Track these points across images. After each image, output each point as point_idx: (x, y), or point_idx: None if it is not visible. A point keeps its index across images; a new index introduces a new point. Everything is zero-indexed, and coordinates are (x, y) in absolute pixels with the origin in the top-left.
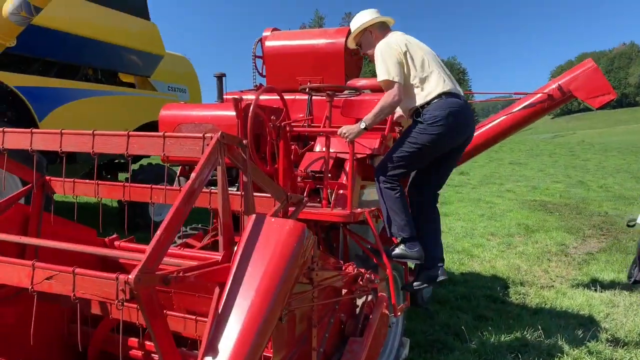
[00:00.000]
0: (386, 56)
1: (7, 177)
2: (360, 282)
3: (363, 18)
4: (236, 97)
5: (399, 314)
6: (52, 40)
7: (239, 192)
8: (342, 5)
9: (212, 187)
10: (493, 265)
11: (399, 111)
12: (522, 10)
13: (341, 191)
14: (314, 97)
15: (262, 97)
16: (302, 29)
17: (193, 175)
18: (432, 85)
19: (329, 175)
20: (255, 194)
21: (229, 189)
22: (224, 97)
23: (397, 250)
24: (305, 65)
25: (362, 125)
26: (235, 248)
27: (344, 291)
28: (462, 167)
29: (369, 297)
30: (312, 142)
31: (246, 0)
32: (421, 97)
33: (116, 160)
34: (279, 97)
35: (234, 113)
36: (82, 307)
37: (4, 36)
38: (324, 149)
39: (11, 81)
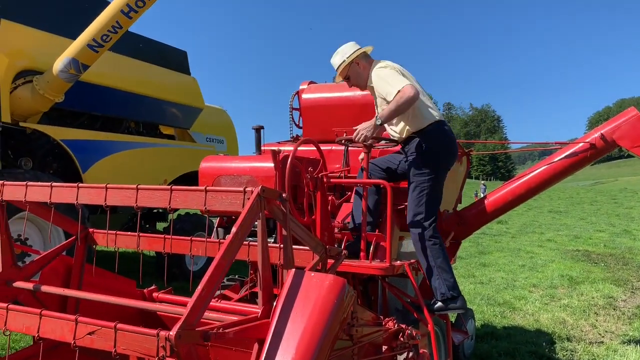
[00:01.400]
0: (388, 75)
1: (52, 228)
2: (401, 338)
3: (347, 51)
4: (274, 148)
5: None
6: (97, 95)
7: (276, 244)
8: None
9: (250, 239)
10: (537, 319)
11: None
12: (557, 56)
13: (380, 243)
14: (350, 148)
15: (300, 148)
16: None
17: (234, 229)
18: (430, 109)
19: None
20: (295, 247)
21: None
22: (262, 148)
23: (441, 304)
24: (341, 117)
25: (378, 121)
26: (275, 303)
27: (384, 348)
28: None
29: (410, 354)
30: (349, 193)
31: (284, 55)
32: (421, 121)
33: (155, 210)
34: (315, 149)
35: (272, 165)
36: None
37: (54, 92)
38: (362, 201)
39: (57, 134)
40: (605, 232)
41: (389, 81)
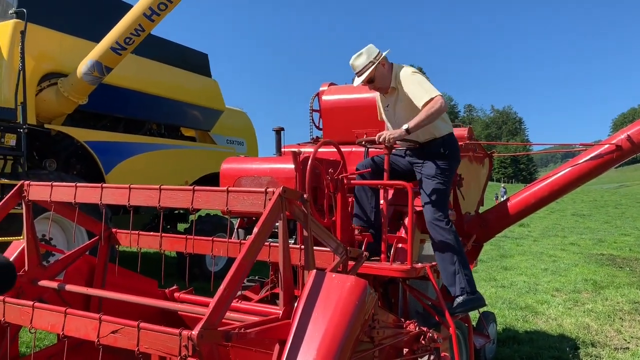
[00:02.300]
0: (422, 80)
1: (76, 228)
2: (422, 341)
3: (372, 52)
4: (294, 150)
5: None
6: (120, 98)
7: (297, 245)
8: (398, 59)
9: (271, 240)
10: (560, 324)
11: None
12: (580, 57)
13: (400, 245)
14: (370, 149)
15: (319, 150)
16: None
17: (256, 229)
18: (447, 120)
19: (387, 228)
20: (315, 248)
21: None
22: (282, 150)
23: (463, 299)
24: (361, 118)
25: (405, 127)
26: (296, 304)
27: (405, 350)
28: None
29: (432, 357)
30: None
31: (304, 56)
32: (442, 128)
33: (176, 211)
34: (336, 150)
35: (292, 166)
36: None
37: (78, 95)
38: (382, 201)
39: (81, 136)
40: (631, 236)
41: (424, 86)
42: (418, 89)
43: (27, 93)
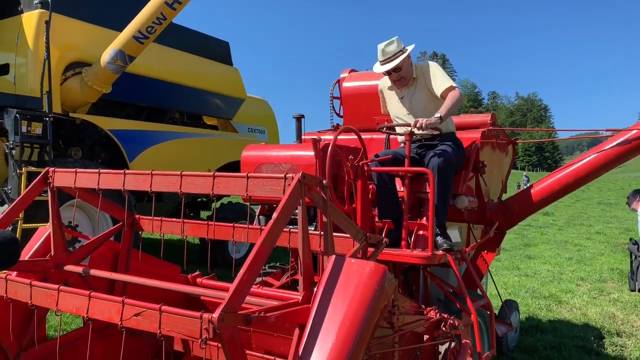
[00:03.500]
0: (443, 70)
1: (101, 215)
2: (443, 328)
3: (401, 44)
4: (315, 137)
5: None
6: (143, 87)
7: (317, 232)
8: (417, 45)
9: (291, 226)
10: (584, 313)
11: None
12: (608, 45)
13: (421, 232)
14: (391, 137)
15: (341, 137)
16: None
17: (275, 214)
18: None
19: (408, 215)
20: (335, 234)
21: (308, 228)
22: (303, 137)
23: (441, 241)
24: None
25: (438, 115)
26: (315, 289)
27: (425, 337)
28: (546, 207)
29: (452, 344)
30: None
31: (325, 43)
32: (452, 125)
33: (199, 199)
34: (356, 137)
35: (312, 153)
36: (166, 344)
37: (101, 83)
38: (402, 189)
39: (105, 125)
40: None
41: (446, 75)
42: (442, 77)
43: (52, 82)
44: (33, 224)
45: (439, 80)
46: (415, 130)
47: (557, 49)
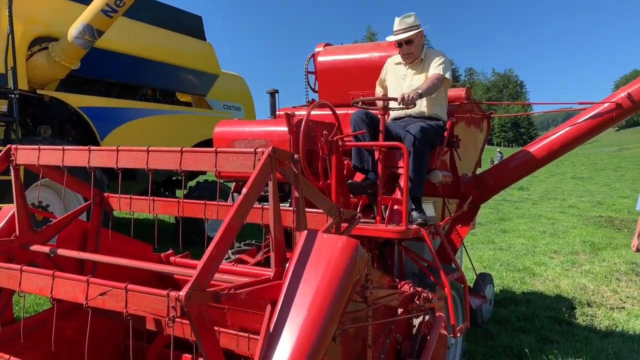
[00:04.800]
0: (448, 61)
1: (72, 195)
2: (417, 302)
3: (417, 21)
4: (288, 112)
5: (459, 334)
6: (113, 62)
7: (291, 208)
8: (390, 20)
9: (265, 203)
10: (557, 285)
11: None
12: (581, 19)
13: (396, 207)
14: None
15: (316, 112)
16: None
17: (244, 190)
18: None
19: (383, 190)
20: (308, 209)
21: (282, 204)
22: (277, 113)
23: (416, 215)
24: (357, 80)
25: (419, 91)
26: (287, 265)
27: (399, 311)
28: (521, 181)
29: (427, 317)
30: None
31: (300, 18)
32: (444, 118)
33: (174, 178)
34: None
35: (286, 128)
36: (137, 323)
37: (69, 59)
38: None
39: (75, 102)
40: (630, 198)
41: (446, 66)
42: (440, 63)
43: (17, 58)
44: (2, 204)
45: (435, 65)
46: (392, 106)
47: (534, 24)
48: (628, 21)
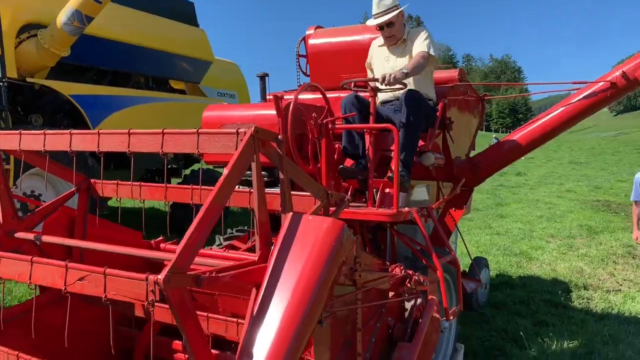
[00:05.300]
0: (432, 38)
1: (64, 183)
2: (408, 285)
3: (396, 1)
4: (277, 95)
5: (452, 317)
6: (104, 49)
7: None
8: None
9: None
10: (553, 268)
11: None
12: (581, 5)
13: (387, 190)
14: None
15: (308, 96)
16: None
17: (225, 171)
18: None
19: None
20: (296, 192)
21: (272, 189)
22: (267, 97)
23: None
24: (349, 62)
25: (404, 71)
26: (272, 248)
27: (391, 294)
28: (518, 167)
29: (418, 301)
30: None
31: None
32: (433, 98)
33: (169, 166)
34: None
35: (275, 112)
36: (124, 309)
37: (59, 46)
38: (368, 146)
39: (66, 90)
40: (627, 182)
41: (430, 42)
42: (424, 40)
43: (5, 45)
44: None
45: (418, 43)
46: (380, 86)
47: (532, 9)
48: (629, 4)
